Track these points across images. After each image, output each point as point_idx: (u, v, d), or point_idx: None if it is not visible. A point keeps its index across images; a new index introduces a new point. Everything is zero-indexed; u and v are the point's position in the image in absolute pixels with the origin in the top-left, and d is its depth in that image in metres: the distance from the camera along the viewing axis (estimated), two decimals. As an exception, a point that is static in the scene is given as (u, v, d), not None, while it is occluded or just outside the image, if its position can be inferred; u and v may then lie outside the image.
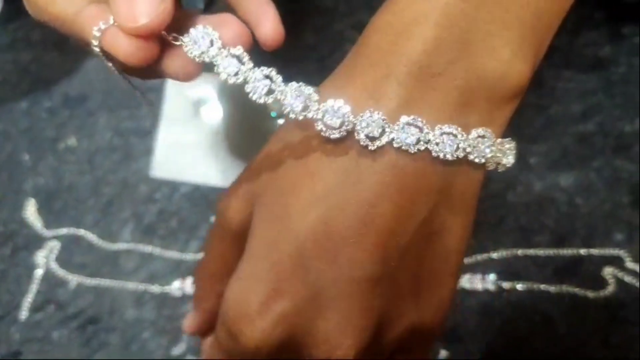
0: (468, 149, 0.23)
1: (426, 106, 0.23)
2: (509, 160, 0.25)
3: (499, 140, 0.24)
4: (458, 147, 0.23)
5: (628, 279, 0.42)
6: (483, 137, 0.23)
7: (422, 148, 0.22)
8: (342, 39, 0.48)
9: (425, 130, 0.22)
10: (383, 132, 0.22)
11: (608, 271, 0.42)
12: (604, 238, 0.43)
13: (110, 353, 0.40)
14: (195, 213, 0.44)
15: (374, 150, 0.23)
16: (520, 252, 0.43)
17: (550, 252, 0.43)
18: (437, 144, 0.22)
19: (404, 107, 0.23)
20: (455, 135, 0.23)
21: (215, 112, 0.47)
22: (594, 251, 0.42)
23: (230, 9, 0.28)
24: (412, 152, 0.22)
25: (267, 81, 0.23)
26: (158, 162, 0.45)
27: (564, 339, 0.40)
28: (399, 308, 0.25)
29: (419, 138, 0.22)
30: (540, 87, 0.47)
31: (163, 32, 0.23)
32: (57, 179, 0.45)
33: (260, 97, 0.23)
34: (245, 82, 0.23)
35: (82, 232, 0.44)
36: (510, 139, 0.25)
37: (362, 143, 0.23)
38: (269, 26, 0.27)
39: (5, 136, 0.47)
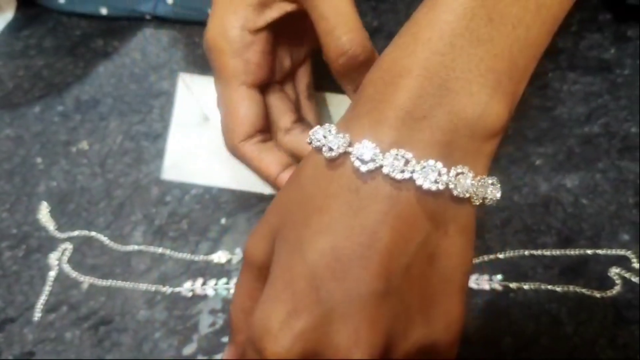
0: (450, 185, 0.26)
1: (414, 145, 0.26)
2: (494, 194, 0.27)
3: (480, 177, 0.27)
4: (439, 180, 0.26)
5: (635, 279, 0.42)
6: (462, 173, 0.26)
7: (407, 177, 0.26)
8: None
9: (412, 162, 0.26)
10: (374, 160, 0.26)
11: (615, 271, 0.42)
12: (610, 239, 0.43)
13: (122, 353, 0.41)
14: (205, 215, 0.45)
15: (372, 184, 0.26)
16: (526, 252, 0.43)
17: (557, 252, 0.43)
18: (420, 175, 0.26)
19: (394, 147, 0.26)
20: (437, 170, 0.26)
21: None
22: (600, 252, 0.43)
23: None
24: (399, 179, 0.26)
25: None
26: (169, 165, 0.46)
27: (570, 339, 0.40)
28: (408, 324, 0.27)
29: (404, 169, 0.26)
30: (545, 89, 0.47)
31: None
32: (70, 182, 0.46)
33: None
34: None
35: (94, 234, 0.45)
36: (494, 176, 0.28)
37: (354, 164, 0.26)
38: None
39: (19, 140, 0.47)
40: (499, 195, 0.28)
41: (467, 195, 0.26)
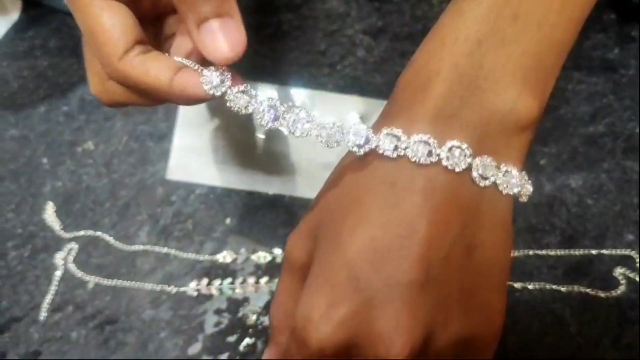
0: (473, 165, 0.26)
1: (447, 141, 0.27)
2: (527, 188, 0.28)
3: (506, 165, 0.27)
4: (465, 158, 0.26)
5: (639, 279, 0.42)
6: (487, 163, 0.27)
7: (435, 160, 0.26)
8: (353, 44, 0.48)
9: (435, 146, 0.26)
10: (397, 148, 0.27)
11: (619, 271, 0.42)
12: (614, 239, 0.43)
13: (128, 353, 0.41)
14: (210, 215, 0.45)
15: (405, 174, 0.27)
16: (531, 252, 0.43)
17: (561, 252, 0.43)
18: (447, 157, 0.26)
19: None
20: (462, 149, 0.26)
21: (229, 116, 0.48)
22: (605, 252, 0.43)
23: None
24: (424, 163, 0.26)
25: (273, 111, 0.28)
26: (174, 165, 0.46)
27: (575, 339, 0.40)
28: (448, 315, 0.27)
29: (430, 151, 0.26)
30: (550, 89, 0.47)
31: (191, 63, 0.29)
32: (75, 182, 0.46)
33: (267, 122, 0.28)
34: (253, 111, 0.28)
35: (99, 234, 0.45)
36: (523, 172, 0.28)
37: (379, 151, 0.27)
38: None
39: (24, 140, 0.47)
40: (525, 189, 0.28)
41: (488, 183, 0.27)
